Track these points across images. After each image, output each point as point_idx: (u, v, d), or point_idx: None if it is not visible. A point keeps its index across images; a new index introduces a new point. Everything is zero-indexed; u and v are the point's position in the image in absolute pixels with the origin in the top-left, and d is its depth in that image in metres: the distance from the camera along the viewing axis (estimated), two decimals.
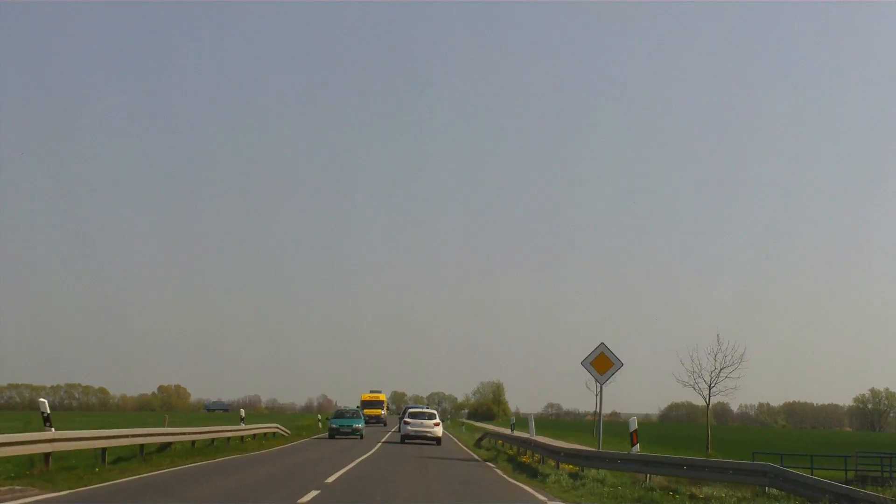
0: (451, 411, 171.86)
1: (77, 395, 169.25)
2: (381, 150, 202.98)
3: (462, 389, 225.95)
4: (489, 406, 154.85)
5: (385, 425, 76.54)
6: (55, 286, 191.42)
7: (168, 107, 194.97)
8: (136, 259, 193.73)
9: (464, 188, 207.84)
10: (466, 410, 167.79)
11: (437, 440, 44.07)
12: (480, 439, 51.19)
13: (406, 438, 44.00)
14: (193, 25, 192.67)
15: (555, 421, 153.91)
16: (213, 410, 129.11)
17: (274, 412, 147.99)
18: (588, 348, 26.25)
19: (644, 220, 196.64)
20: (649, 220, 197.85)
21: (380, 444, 41.40)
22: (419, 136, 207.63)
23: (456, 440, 55.70)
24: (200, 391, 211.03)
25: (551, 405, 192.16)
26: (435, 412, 48.55)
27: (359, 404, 79.01)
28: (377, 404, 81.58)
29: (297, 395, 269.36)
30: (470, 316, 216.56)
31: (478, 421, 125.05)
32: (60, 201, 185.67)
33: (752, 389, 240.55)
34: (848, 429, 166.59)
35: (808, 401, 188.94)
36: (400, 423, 48.85)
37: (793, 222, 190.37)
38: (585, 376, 41.82)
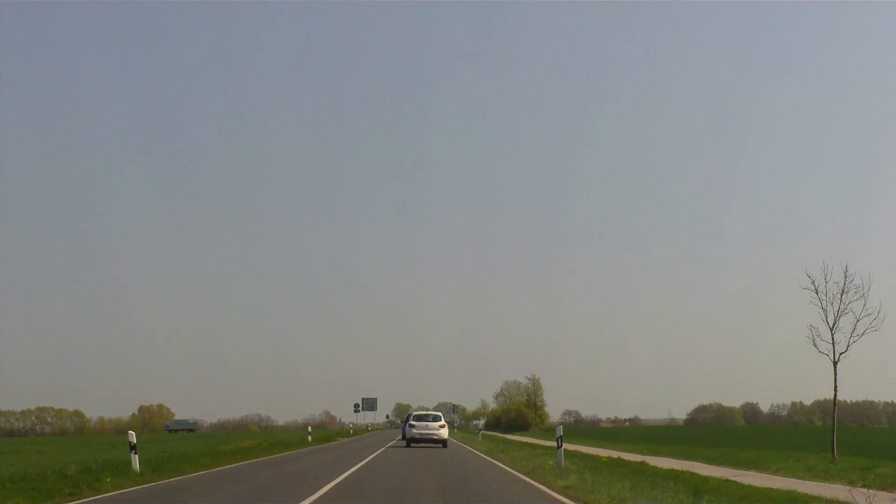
0: (458, 422, 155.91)
1: (50, 420, 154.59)
2: (383, 154, 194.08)
3: (473, 397, 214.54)
4: (521, 411, 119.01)
5: None
6: (24, 303, 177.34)
7: (166, 109, 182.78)
8: (116, 268, 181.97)
9: (465, 194, 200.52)
10: (483, 420, 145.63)
11: (444, 442, 45.32)
12: None
13: (412, 441, 45.47)
14: (196, 28, 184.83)
15: (632, 429, 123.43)
16: (175, 431, 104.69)
17: (266, 431, 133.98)
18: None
19: (653, 220, 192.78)
20: (658, 219, 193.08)
21: None
22: (421, 138, 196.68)
23: None
24: (188, 412, 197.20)
25: (568, 412, 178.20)
26: (440, 414, 48.95)
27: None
28: None
29: (299, 412, 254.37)
30: (474, 325, 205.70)
31: (502, 432, 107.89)
32: (34, 216, 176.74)
33: (783, 388, 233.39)
34: (886, 426, 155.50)
35: (842, 398, 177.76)
36: (405, 427, 49.95)
37: (808, 212, 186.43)
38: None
